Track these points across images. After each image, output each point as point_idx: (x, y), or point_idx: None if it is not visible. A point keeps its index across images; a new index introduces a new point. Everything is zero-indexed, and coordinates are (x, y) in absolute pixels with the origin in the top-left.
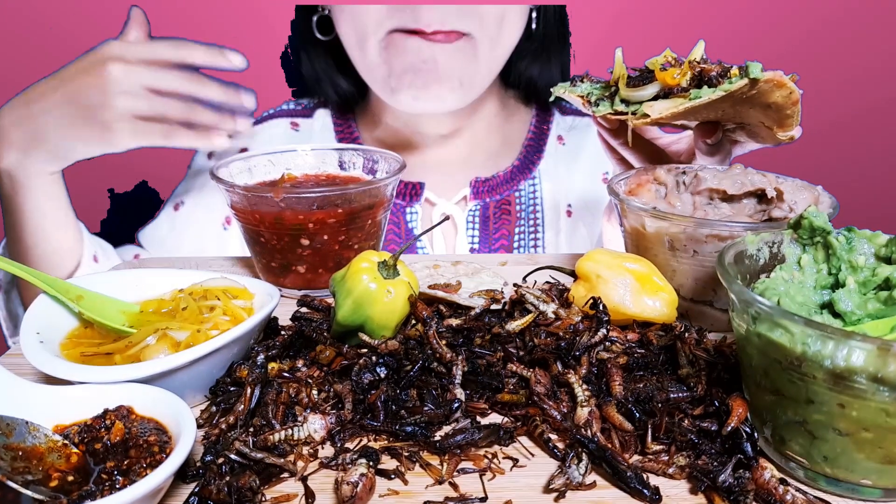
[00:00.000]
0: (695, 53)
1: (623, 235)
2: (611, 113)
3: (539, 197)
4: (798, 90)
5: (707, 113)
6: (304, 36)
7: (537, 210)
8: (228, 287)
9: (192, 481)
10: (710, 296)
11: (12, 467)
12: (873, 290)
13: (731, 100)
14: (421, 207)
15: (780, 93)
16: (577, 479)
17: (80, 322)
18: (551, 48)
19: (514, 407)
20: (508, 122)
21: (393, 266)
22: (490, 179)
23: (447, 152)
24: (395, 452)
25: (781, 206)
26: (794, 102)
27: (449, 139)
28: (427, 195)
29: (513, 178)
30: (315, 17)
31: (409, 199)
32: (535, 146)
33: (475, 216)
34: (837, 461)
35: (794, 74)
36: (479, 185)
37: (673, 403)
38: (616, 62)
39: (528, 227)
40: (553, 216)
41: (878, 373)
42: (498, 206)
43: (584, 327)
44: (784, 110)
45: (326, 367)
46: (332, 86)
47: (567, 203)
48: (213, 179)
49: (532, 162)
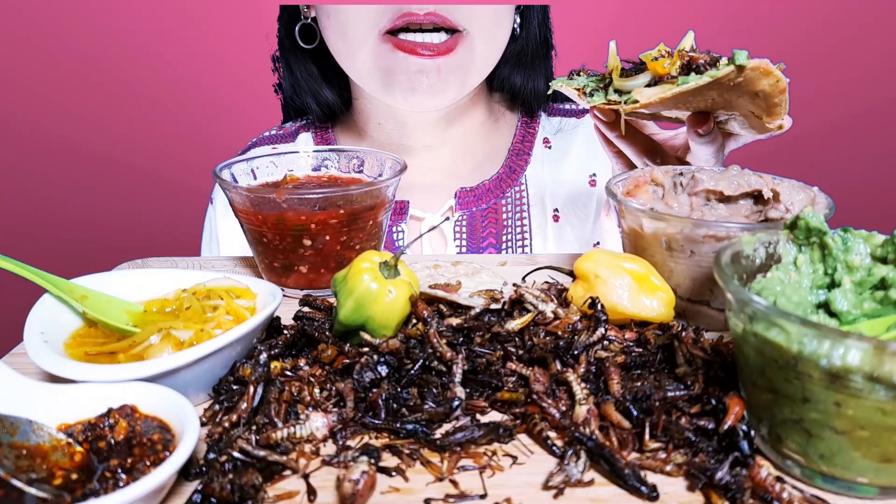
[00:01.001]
0: (684, 43)
1: (621, 236)
2: (604, 103)
3: (526, 203)
4: (785, 78)
5: (697, 101)
6: (286, 44)
7: (524, 216)
8: (231, 287)
9: (195, 479)
10: (707, 295)
11: (16, 466)
12: (869, 290)
13: (719, 87)
14: (407, 225)
15: (766, 81)
16: (576, 477)
17: (84, 321)
18: (535, 55)
19: (513, 405)
20: (495, 129)
21: (394, 266)
22: (475, 188)
23: (433, 165)
24: (396, 450)
25: (778, 206)
26: (781, 91)
27: (434, 150)
28: (413, 212)
29: (499, 185)
30: (297, 25)
31: (394, 218)
32: (520, 151)
33: (462, 226)
34: (834, 459)
35: (781, 63)
36: (465, 195)
37: (670, 402)
38: (610, 54)
39: (515, 234)
40: (540, 221)
41: (873, 372)
42: (484, 216)
43: (583, 327)
44: (772, 98)
45: (328, 366)
46: (313, 96)
47: (553, 207)
48: (215, 180)
49: (518, 167)
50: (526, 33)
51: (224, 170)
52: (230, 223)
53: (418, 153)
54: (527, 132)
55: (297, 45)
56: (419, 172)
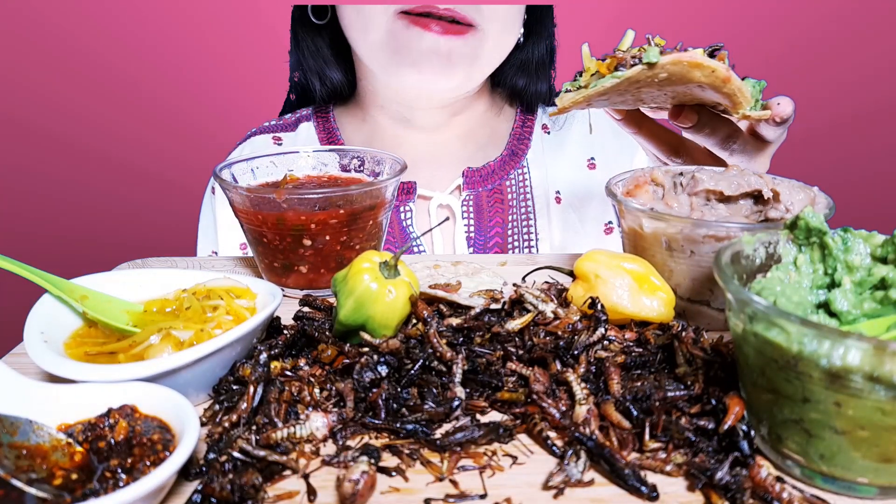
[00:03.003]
0: (622, 43)
1: (621, 236)
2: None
3: (529, 185)
4: (724, 68)
5: (647, 97)
6: (296, 17)
7: (528, 198)
8: (231, 287)
9: (195, 479)
10: (707, 295)
11: (16, 466)
12: (869, 290)
13: (650, 84)
14: (415, 205)
15: (700, 72)
16: (576, 477)
17: (84, 321)
18: (539, 64)
19: (513, 405)
20: (497, 117)
21: (394, 266)
22: (482, 168)
23: (437, 149)
24: (396, 450)
25: (778, 206)
26: (723, 81)
27: (439, 134)
28: (420, 192)
29: (503, 167)
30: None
31: (403, 199)
32: (521, 136)
33: (469, 206)
34: (834, 459)
35: (724, 52)
36: (472, 175)
37: (670, 402)
38: (584, 56)
39: (520, 216)
40: (543, 203)
41: (873, 372)
42: (490, 196)
43: (583, 327)
44: (721, 90)
45: (328, 366)
46: (318, 75)
47: (556, 190)
48: (215, 180)
49: (520, 150)
50: (533, 43)
51: (224, 170)
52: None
53: (423, 138)
54: (526, 118)
55: (309, 21)
56: (425, 155)
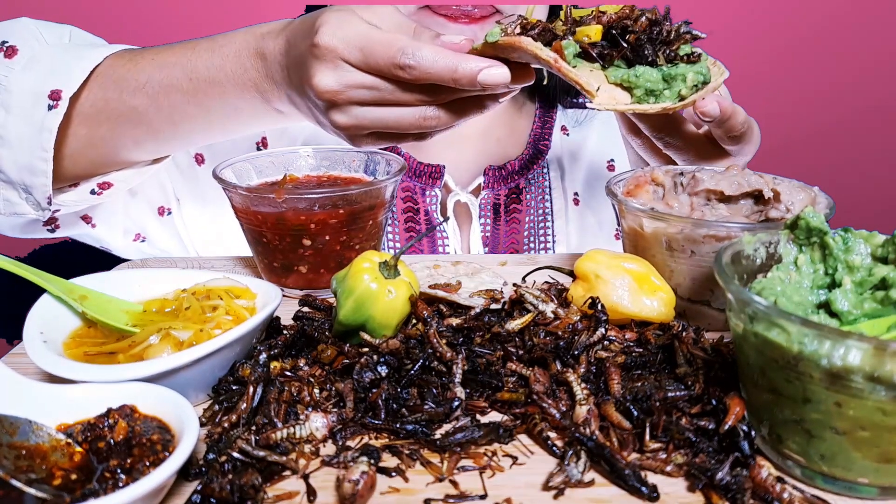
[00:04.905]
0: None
1: (621, 236)
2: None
3: (548, 186)
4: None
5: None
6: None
7: (546, 199)
8: (231, 287)
9: (194, 479)
10: (707, 295)
11: (16, 466)
12: (870, 290)
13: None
14: (441, 191)
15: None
16: (576, 477)
17: (83, 322)
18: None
19: (513, 405)
20: (517, 114)
21: (394, 266)
22: (503, 168)
23: (457, 140)
24: (395, 450)
25: (778, 206)
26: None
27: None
28: (446, 179)
29: (522, 167)
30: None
31: (431, 182)
32: (540, 136)
33: (488, 205)
34: (834, 460)
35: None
36: (493, 174)
37: (671, 402)
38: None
39: (537, 217)
40: (561, 205)
41: (874, 372)
42: (508, 196)
43: (583, 327)
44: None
45: (328, 366)
46: None
47: (574, 191)
48: (215, 180)
49: (540, 151)
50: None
51: (224, 169)
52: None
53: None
54: (545, 119)
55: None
56: (448, 143)
